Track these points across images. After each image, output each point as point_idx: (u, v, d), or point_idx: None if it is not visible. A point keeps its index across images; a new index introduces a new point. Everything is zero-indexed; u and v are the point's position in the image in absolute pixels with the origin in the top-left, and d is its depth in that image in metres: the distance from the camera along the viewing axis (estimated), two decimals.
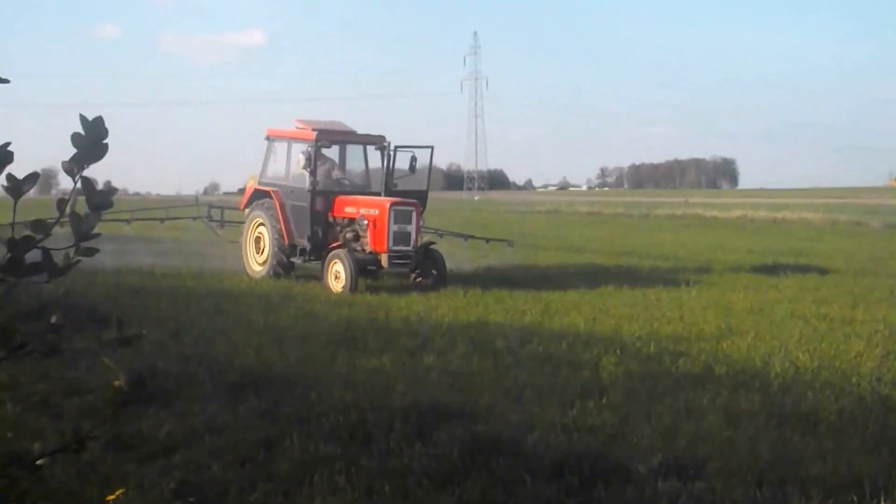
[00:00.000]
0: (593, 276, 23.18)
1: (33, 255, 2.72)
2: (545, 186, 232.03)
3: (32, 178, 2.70)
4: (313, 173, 20.54)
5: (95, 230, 2.80)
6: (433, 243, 21.61)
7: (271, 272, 21.18)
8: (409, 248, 20.04)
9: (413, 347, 12.28)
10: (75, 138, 2.70)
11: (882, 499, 6.63)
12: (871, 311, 16.84)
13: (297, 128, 22.01)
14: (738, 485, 6.83)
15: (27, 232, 2.70)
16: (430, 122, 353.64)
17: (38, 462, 3.00)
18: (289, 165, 21.70)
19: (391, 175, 21.18)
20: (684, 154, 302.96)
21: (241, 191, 24.47)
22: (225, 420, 8.36)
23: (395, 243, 19.80)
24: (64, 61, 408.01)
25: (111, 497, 6.26)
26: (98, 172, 2.87)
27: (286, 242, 21.19)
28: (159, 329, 12.45)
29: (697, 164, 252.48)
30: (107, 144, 2.74)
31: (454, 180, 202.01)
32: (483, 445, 7.47)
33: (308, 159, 20.37)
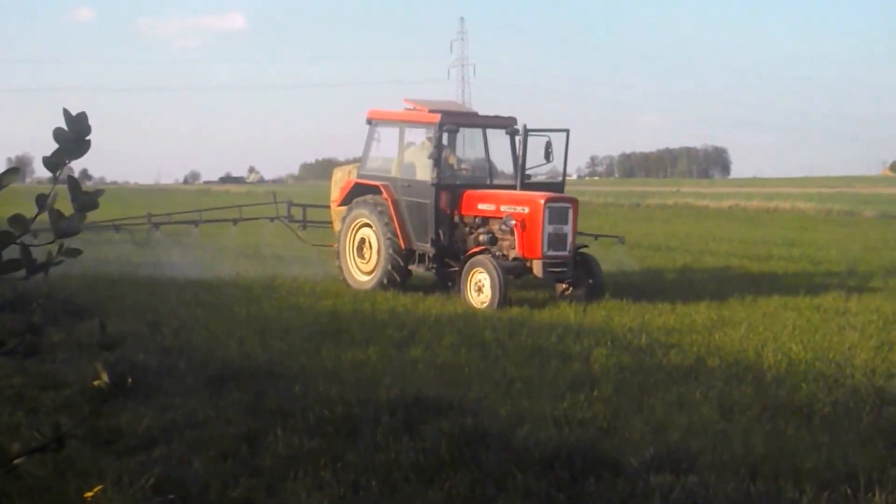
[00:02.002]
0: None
1: (11, 252, 2.62)
2: (535, 175, 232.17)
3: (13, 172, 2.64)
4: (438, 164, 17.19)
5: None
6: (585, 246, 18.01)
7: (382, 282, 17.71)
8: (566, 253, 16.64)
9: (399, 339, 12.15)
10: (58, 134, 2.64)
11: (877, 491, 6.54)
12: (865, 302, 16.75)
13: (407, 108, 18.61)
14: (731, 478, 6.72)
15: (6, 227, 2.61)
16: None
17: (16, 462, 2.92)
18: (401, 154, 18.25)
19: (524, 164, 17.58)
20: (675, 143, 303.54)
21: (225, 179, 23.19)
22: (206, 414, 8.21)
23: (549, 247, 16.40)
24: (38, 45, 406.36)
25: (89, 493, 6.13)
26: (77, 161, 2.77)
27: (402, 247, 17.70)
28: (138, 321, 12.30)
29: (688, 152, 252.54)
30: (89, 141, 2.69)
31: None
32: (472, 439, 7.36)
33: (437, 147, 17.10)
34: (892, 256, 26.74)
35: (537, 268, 16.43)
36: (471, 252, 16.92)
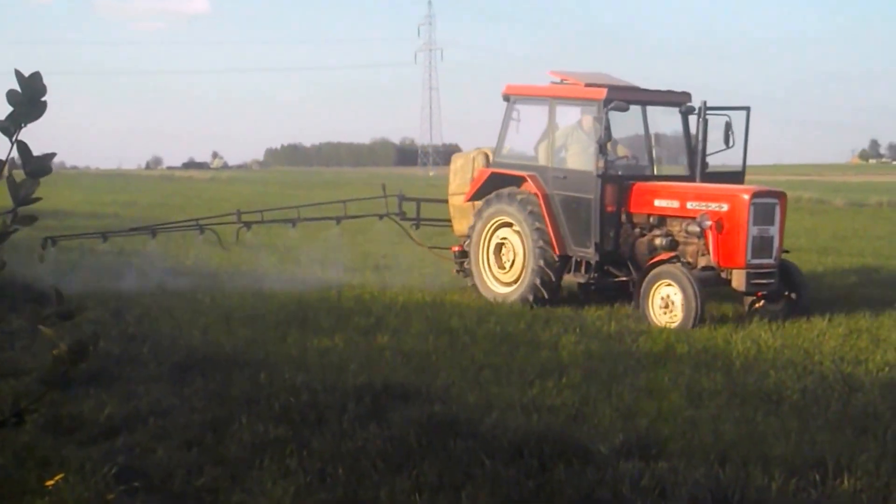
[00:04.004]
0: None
1: None
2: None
3: None
4: (605, 151, 13.96)
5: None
6: (786, 251, 14.25)
7: (531, 292, 14.53)
8: (773, 261, 13.48)
9: (366, 327, 12.04)
10: (11, 95, 2.58)
11: (845, 477, 6.56)
12: (834, 290, 16.78)
13: (555, 82, 15.45)
14: (700, 464, 6.71)
15: None
16: (383, 94, 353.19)
17: None
18: (551, 138, 14.97)
19: (704, 150, 14.79)
20: None
21: (188, 164, 21.64)
22: (170, 402, 8.12)
23: (754, 254, 13.28)
24: None
25: (50, 482, 6.04)
26: (33, 145, 2.70)
27: (556, 252, 14.55)
28: (100, 307, 12.15)
29: (658, 138, 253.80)
30: (45, 102, 2.62)
31: (407, 155, 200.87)
32: (440, 426, 7.32)
33: (607, 129, 13.95)
34: (862, 245, 26.86)
35: (738, 279, 13.28)
36: (656, 260, 13.67)
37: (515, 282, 14.92)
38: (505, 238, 15.14)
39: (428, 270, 18.04)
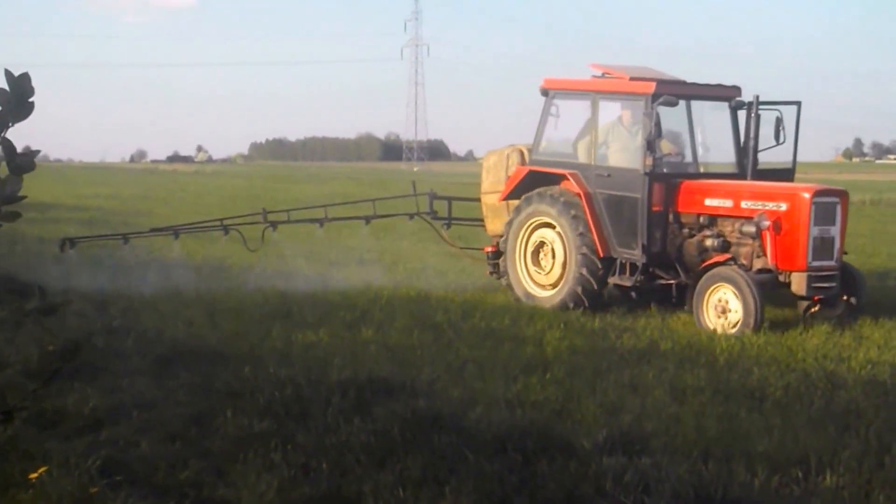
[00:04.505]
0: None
1: None
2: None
3: None
4: (653, 148, 13.33)
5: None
6: (845, 252, 13.50)
7: (571, 299, 13.88)
8: (833, 263, 12.86)
9: (351, 321, 12.06)
10: None
11: (828, 474, 6.59)
12: None
13: (597, 76, 14.76)
14: (683, 460, 6.75)
15: None
16: (369, 89, 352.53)
17: None
18: (594, 134, 14.28)
19: (755, 146, 14.15)
20: None
21: (173, 158, 20.69)
22: (154, 395, 8.13)
23: (815, 256, 12.66)
24: None
25: (34, 475, 6.03)
26: (17, 138, 2.71)
27: (600, 254, 13.89)
28: (84, 300, 12.11)
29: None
30: (33, 103, 2.64)
31: (392, 151, 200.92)
32: (424, 421, 7.34)
33: (657, 125, 13.14)
34: (846, 243, 26.90)
35: (799, 282, 12.60)
36: (711, 262, 13.07)
37: (554, 284, 14.29)
38: (544, 239, 14.52)
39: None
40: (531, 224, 14.62)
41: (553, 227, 14.29)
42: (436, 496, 6.13)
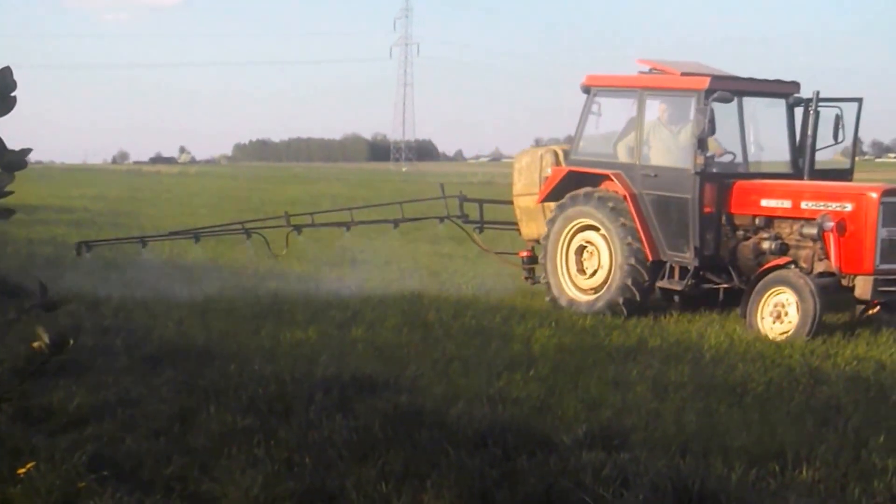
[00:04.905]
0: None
1: None
2: (477, 158, 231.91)
3: None
4: (704, 147, 12.77)
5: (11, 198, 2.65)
6: None
7: (617, 303, 13.37)
8: None
9: (342, 320, 12.12)
10: None
11: (804, 468, 6.65)
12: None
13: (643, 72, 14.13)
14: (662, 455, 6.80)
15: None
16: (355, 89, 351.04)
17: None
18: (639, 133, 13.65)
19: (813, 144, 13.54)
20: (620, 125, 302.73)
21: (155, 159, 19.75)
22: (140, 392, 8.19)
23: (883, 259, 11.99)
24: None
25: (22, 470, 6.11)
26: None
27: (649, 258, 13.44)
28: (76, 301, 12.17)
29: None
30: (14, 97, 2.63)
31: (379, 151, 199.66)
32: (406, 417, 7.40)
33: (711, 122, 12.48)
34: None
35: (863, 286, 11.94)
36: (770, 265, 12.45)
37: (600, 288, 13.68)
38: (588, 242, 13.93)
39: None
40: (573, 227, 14.03)
41: (597, 229, 13.73)
42: (417, 490, 6.18)
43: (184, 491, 6.28)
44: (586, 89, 14.25)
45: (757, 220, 12.93)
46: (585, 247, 13.95)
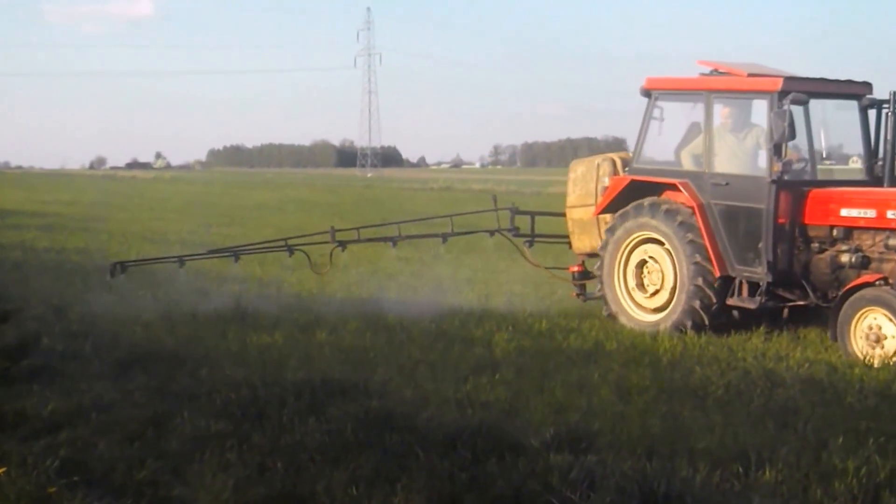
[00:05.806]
0: (486, 256, 20.47)
1: None
2: (438, 164, 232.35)
3: None
4: (780, 153, 11.83)
5: None
6: None
7: (686, 322, 12.40)
8: None
9: (305, 323, 12.17)
10: None
11: (767, 469, 6.74)
12: None
13: (704, 73, 13.08)
14: (628, 457, 6.88)
15: None
16: (324, 97, 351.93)
17: None
18: (707, 139, 12.62)
19: (893, 148, 12.44)
20: (577, 133, 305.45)
21: (132, 165, 19.14)
22: (112, 397, 8.21)
23: None
24: None
25: None
26: None
27: (717, 273, 12.39)
28: (42, 305, 12.13)
29: (589, 143, 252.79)
30: None
31: (347, 157, 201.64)
32: (376, 421, 7.47)
33: (790, 126, 11.46)
34: None
35: None
36: (859, 282, 11.22)
37: (665, 307, 12.73)
38: (649, 257, 12.95)
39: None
40: (634, 239, 13.05)
41: (661, 243, 12.76)
42: (388, 494, 6.24)
43: (155, 495, 6.31)
44: (647, 93, 13.26)
45: (835, 231, 11.90)
46: (646, 262, 13.01)
